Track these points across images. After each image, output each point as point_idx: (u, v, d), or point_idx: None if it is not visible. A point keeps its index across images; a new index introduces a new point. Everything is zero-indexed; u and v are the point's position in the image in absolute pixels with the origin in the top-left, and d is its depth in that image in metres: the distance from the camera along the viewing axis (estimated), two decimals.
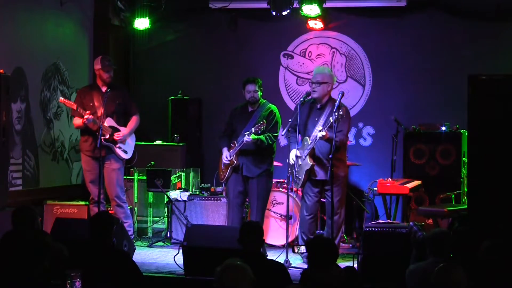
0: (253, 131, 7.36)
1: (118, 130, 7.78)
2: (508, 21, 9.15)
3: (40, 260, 4.09)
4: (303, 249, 7.31)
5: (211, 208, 8.48)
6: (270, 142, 7.53)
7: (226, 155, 7.64)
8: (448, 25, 9.40)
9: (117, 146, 7.77)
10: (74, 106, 7.65)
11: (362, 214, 8.78)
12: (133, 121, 7.95)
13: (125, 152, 7.85)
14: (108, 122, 7.73)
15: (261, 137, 7.42)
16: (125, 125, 7.88)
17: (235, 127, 7.71)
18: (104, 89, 7.80)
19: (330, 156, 6.84)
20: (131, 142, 7.93)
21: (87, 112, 7.60)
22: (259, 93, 7.65)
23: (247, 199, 7.82)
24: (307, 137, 7.24)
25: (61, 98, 7.95)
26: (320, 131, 6.99)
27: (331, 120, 6.90)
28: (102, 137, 7.54)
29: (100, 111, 7.68)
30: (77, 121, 7.74)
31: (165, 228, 8.91)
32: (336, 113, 6.81)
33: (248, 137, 7.35)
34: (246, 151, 7.54)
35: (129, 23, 9.92)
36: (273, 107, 7.71)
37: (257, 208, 7.58)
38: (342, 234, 7.54)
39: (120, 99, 7.89)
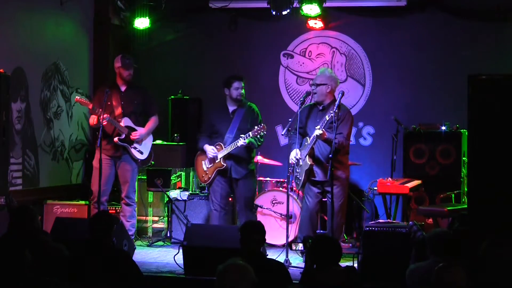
0: (250, 135, 7.33)
1: (135, 130, 7.76)
2: (508, 21, 9.14)
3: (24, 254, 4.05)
4: (300, 246, 7.32)
5: None
6: (260, 144, 7.53)
7: (212, 148, 7.52)
8: (448, 25, 9.40)
9: (133, 146, 7.76)
10: (90, 106, 7.65)
11: (362, 214, 8.78)
12: (151, 122, 7.93)
13: (141, 152, 7.83)
14: (125, 122, 7.73)
15: (252, 139, 7.42)
16: (143, 126, 7.86)
17: (218, 129, 7.63)
18: (123, 88, 7.81)
19: (330, 156, 6.84)
20: (148, 143, 7.92)
21: (105, 112, 7.57)
22: (244, 90, 7.60)
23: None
24: (308, 138, 7.24)
25: (76, 97, 7.88)
26: (318, 129, 6.98)
27: (327, 118, 6.92)
28: (117, 137, 7.62)
29: (117, 111, 7.68)
30: (94, 119, 7.71)
31: (165, 227, 8.91)
32: (332, 112, 6.83)
33: (244, 141, 7.33)
34: (233, 153, 7.51)
35: (129, 23, 9.91)
36: (253, 105, 7.72)
37: (246, 208, 7.60)
38: (342, 235, 7.55)
39: (139, 99, 7.88)
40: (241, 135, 7.39)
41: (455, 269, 3.88)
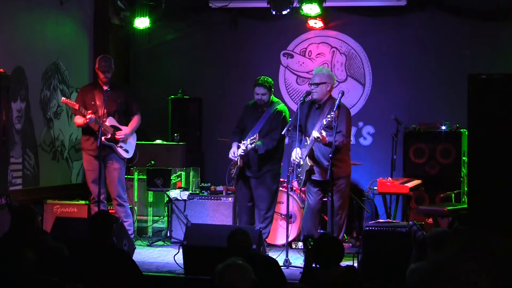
0: (248, 142, 7.44)
1: (120, 130, 7.79)
2: (508, 21, 9.15)
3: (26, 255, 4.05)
4: (300, 245, 7.31)
5: (211, 207, 8.48)
6: (270, 147, 7.56)
7: (234, 151, 7.67)
8: (448, 24, 9.40)
9: (119, 145, 7.78)
10: (76, 106, 7.66)
11: (362, 213, 8.78)
12: (135, 121, 7.96)
13: (127, 151, 7.86)
14: (110, 121, 7.73)
15: (258, 142, 7.48)
16: (126, 125, 7.89)
17: (246, 124, 7.77)
18: (105, 88, 7.81)
19: (330, 155, 6.84)
20: (132, 142, 7.94)
21: (89, 111, 7.60)
22: (267, 96, 7.68)
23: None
24: (307, 137, 7.25)
25: (63, 98, 7.96)
26: (316, 131, 7.01)
27: (325, 123, 6.94)
28: (103, 137, 7.57)
29: (101, 110, 7.69)
30: (79, 120, 7.74)
31: (165, 227, 8.91)
32: (329, 116, 6.85)
33: (243, 150, 7.41)
34: (250, 152, 7.59)
35: (129, 22, 9.92)
36: (282, 107, 7.77)
37: (261, 208, 7.63)
38: (343, 235, 7.55)
39: (122, 99, 7.89)
40: (243, 142, 7.47)
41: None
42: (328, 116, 6.90)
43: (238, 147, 7.67)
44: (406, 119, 8.97)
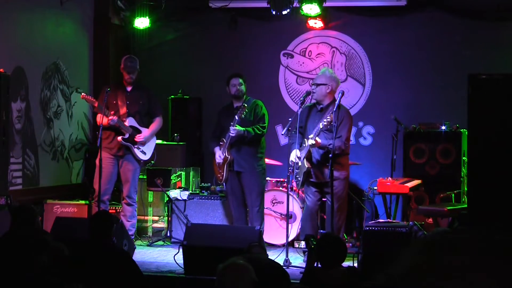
0: (236, 118, 7.41)
1: (139, 130, 7.78)
2: (508, 21, 9.15)
3: (39, 256, 4.07)
4: (303, 244, 7.31)
5: (211, 207, 8.49)
6: (259, 132, 7.57)
7: (219, 154, 7.68)
8: (448, 24, 9.40)
9: (136, 146, 7.77)
10: (96, 104, 7.67)
11: (362, 213, 8.78)
12: (156, 123, 7.97)
13: (144, 153, 7.85)
14: (130, 122, 7.74)
15: (248, 128, 7.49)
16: (147, 126, 7.89)
17: (224, 125, 7.74)
18: (129, 88, 7.83)
19: (330, 156, 6.84)
20: (151, 144, 7.94)
21: (111, 112, 7.60)
22: (244, 87, 7.71)
23: None
24: (306, 139, 7.25)
25: (83, 93, 7.88)
26: (311, 138, 7.01)
27: (321, 126, 6.94)
28: (120, 136, 7.62)
29: (122, 110, 7.71)
30: (100, 118, 7.71)
31: (165, 227, 8.91)
32: (325, 120, 6.85)
33: (232, 128, 7.40)
34: (236, 145, 7.60)
35: (129, 22, 9.91)
36: (259, 101, 7.79)
37: (253, 202, 7.63)
38: (342, 235, 7.55)
39: (143, 100, 7.91)
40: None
41: None
42: (324, 120, 6.90)
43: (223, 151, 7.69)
44: (406, 119, 8.97)
